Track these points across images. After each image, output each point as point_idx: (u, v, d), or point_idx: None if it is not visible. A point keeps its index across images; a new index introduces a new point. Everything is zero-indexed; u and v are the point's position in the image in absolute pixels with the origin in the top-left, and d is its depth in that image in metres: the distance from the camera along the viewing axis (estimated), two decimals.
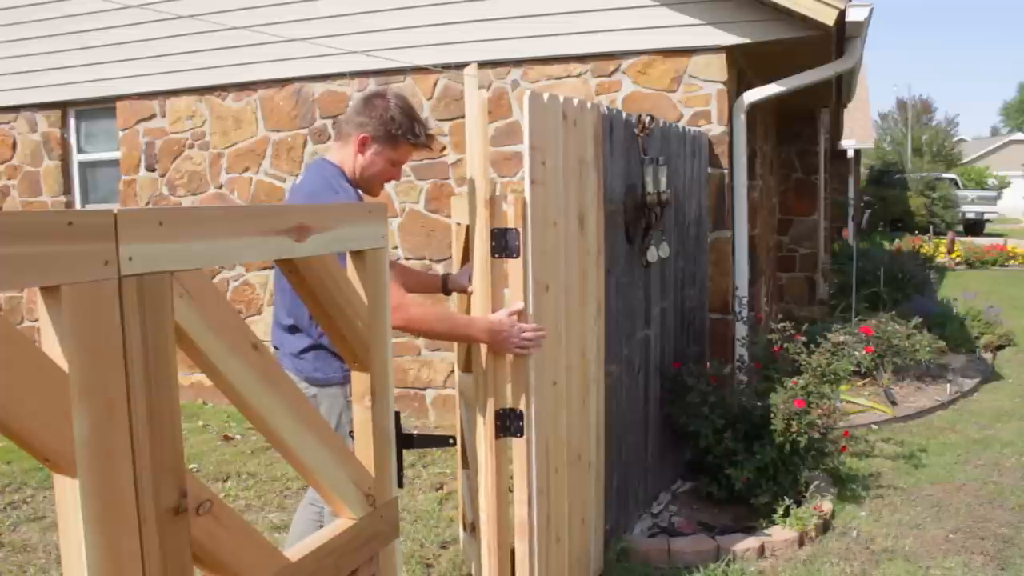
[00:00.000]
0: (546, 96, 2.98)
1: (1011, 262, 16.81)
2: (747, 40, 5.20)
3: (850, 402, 6.07)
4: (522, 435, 2.86)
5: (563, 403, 3.14)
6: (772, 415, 4.09)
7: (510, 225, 2.78)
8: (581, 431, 3.34)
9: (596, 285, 3.46)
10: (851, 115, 13.79)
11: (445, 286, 3.18)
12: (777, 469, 4.09)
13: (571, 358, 3.20)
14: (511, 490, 2.95)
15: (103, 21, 6.64)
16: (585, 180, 3.32)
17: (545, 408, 2.98)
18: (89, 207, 7.31)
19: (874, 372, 6.56)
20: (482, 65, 5.79)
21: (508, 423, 2.85)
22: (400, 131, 2.79)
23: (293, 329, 2.80)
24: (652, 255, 4.04)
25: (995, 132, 59.56)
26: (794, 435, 4.02)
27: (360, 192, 2.84)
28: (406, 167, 6.05)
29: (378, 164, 2.83)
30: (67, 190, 7.33)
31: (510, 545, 2.94)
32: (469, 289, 2.94)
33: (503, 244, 2.78)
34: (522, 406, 2.85)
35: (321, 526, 2.97)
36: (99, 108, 7.13)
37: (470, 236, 2.83)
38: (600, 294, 3.51)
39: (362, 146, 2.80)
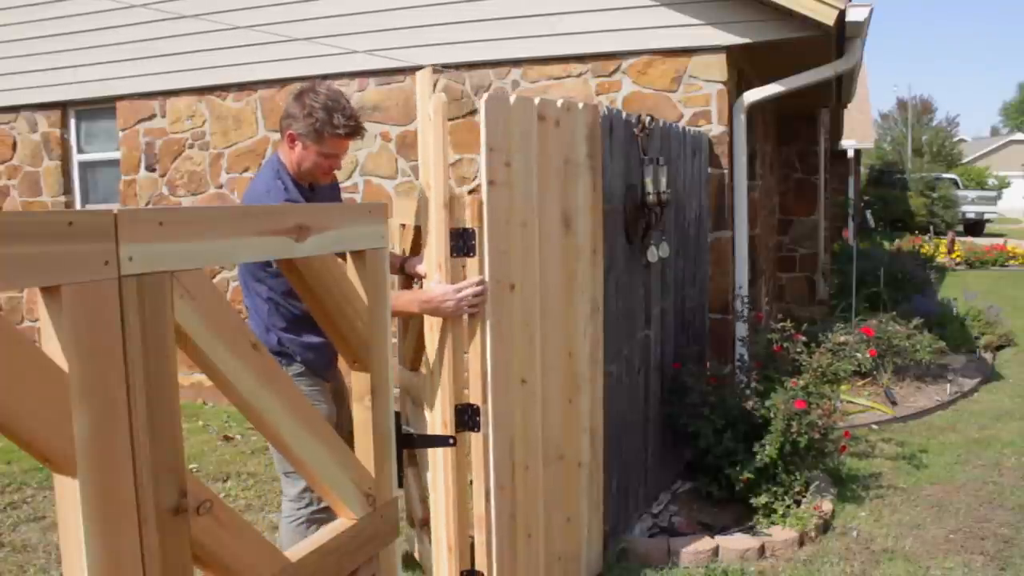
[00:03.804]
0: (513, 98, 2.98)
1: (1011, 262, 16.80)
2: (747, 40, 5.19)
3: (850, 402, 6.07)
4: (479, 430, 2.91)
5: (536, 401, 3.15)
6: (772, 415, 4.09)
7: (467, 225, 2.86)
8: (566, 431, 3.34)
9: (590, 285, 3.45)
10: (851, 115, 13.77)
11: (402, 267, 3.23)
12: (777, 469, 4.09)
13: (549, 357, 3.20)
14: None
15: (103, 21, 6.64)
16: (573, 180, 3.32)
17: (509, 404, 3.00)
18: (89, 207, 7.31)
19: (874, 372, 6.56)
20: (482, 65, 5.81)
21: (466, 418, 2.91)
22: (319, 125, 2.81)
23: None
24: (652, 255, 4.03)
25: (995, 132, 59.48)
26: (794, 435, 4.02)
27: (295, 187, 2.90)
28: (405, 166, 6.08)
29: (309, 158, 2.88)
30: (67, 190, 7.33)
31: (470, 538, 3.00)
32: (421, 272, 3.02)
33: (461, 244, 2.87)
34: (479, 401, 2.90)
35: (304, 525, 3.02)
36: (99, 108, 7.12)
37: (421, 235, 2.91)
38: (596, 294, 3.50)
39: (291, 142, 2.88)
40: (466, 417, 2.89)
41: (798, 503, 4.11)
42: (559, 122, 3.19)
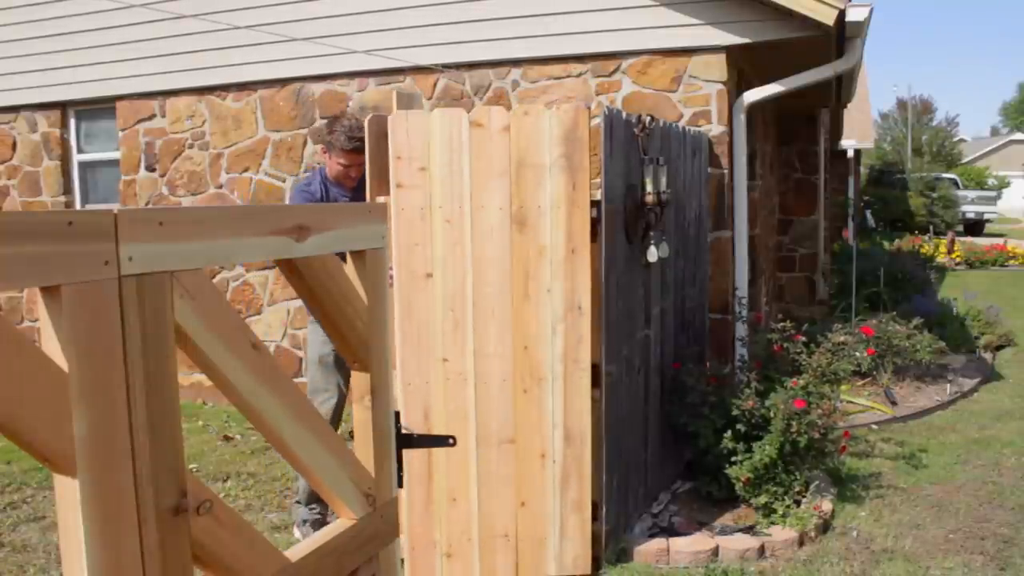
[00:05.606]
0: (436, 111, 3.39)
1: (1011, 262, 16.80)
2: (747, 40, 5.19)
3: (850, 402, 6.07)
4: None
5: (464, 381, 3.41)
6: (772, 415, 4.09)
7: None
8: (519, 419, 3.47)
9: (563, 284, 3.47)
10: (851, 115, 13.76)
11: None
12: (777, 469, 4.09)
13: (486, 344, 3.43)
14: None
15: (103, 21, 6.64)
16: (535, 181, 3.40)
17: (425, 377, 3.42)
18: (89, 207, 7.31)
19: (874, 372, 6.56)
20: (482, 65, 5.81)
21: None
22: (334, 140, 3.81)
23: None
24: (652, 255, 4.03)
25: (995, 132, 59.43)
26: (794, 435, 4.02)
27: (321, 185, 3.89)
28: None
29: (334, 167, 3.88)
30: (67, 190, 7.33)
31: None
32: None
33: None
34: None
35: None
36: (99, 108, 7.12)
37: None
38: (577, 294, 3.48)
39: (323, 153, 3.94)
40: None
41: (798, 503, 4.11)
42: (509, 128, 3.37)
